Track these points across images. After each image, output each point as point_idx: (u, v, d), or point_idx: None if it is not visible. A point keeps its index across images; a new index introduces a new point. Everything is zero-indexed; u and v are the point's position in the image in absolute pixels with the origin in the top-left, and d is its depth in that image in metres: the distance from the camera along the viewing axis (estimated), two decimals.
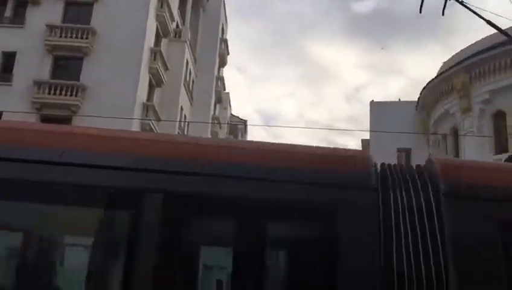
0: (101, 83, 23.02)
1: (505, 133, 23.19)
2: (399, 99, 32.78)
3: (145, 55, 25.03)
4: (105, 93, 22.68)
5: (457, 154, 25.36)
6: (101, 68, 23.32)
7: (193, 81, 33.44)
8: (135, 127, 21.77)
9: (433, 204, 2.92)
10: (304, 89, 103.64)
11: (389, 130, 22.30)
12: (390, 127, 23.63)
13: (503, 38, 24.33)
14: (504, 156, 22.11)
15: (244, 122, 46.43)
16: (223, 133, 39.20)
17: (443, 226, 2.85)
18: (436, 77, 28.28)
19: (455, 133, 26.09)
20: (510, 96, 23.29)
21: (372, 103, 32.79)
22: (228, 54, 42.94)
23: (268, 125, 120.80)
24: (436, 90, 28.03)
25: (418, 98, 30.17)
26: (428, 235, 2.82)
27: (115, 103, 21.61)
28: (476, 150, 22.77)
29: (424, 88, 29.26)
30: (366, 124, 32.41)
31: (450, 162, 4.68)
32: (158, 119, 25.73)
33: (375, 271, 2.75)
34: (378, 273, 2.74)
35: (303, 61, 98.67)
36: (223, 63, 41.70)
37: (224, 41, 41.44)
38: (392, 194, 2.98)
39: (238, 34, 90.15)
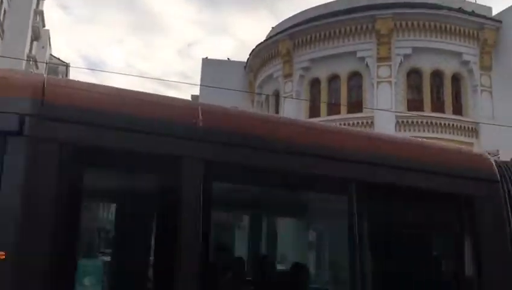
0: None
1: (319, 99, 25.75)
2: (228, 59, 33.75)
3: None
4: None
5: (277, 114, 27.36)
6: None
7: (5, 11, 29.02)
8: None
9: None
10: (135, 38, 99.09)
11: (219, 88, 22.76)
12: (220, 85, 24.15)
13: (325, 11, 26.70)
14: (317, 119, 24.65)
15: (67, 64, 42.41)
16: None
17: None
18: (264, 41, 29.69)
19: (277, 95, 28.02)
20: (326, 66, 25.82)
21: (204, 59, 33.22)
22: None
23: (95, 70, 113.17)
24: (263, 54, 29.51)
25: (247, 60, 31.42)
26: None
27: None
28: (294, 112, 24.85)
29: (253, 50, 30.54)
30: (197, 80, 32.65)
31: None
32: None
33: None
34: None
35: (135, 8, 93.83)
36: None
37: None
38: None
39: None
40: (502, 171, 3.96)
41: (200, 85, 28.60)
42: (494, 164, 3.97)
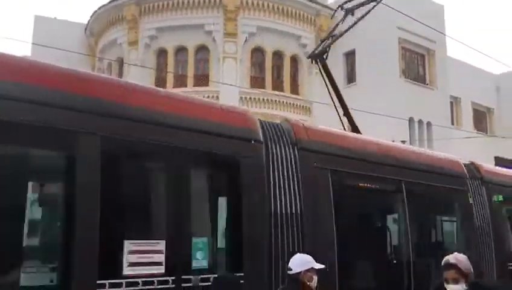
0: None
1: (166, 69, 25.23)
2: (55, 18, 30.72)
3: None
4: None
5: None
6: None
7: None
8: None
9: None
10: None
11: (56, 49, 20.69)
12: (56, 47, 21.97)
13: None
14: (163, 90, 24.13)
15: None
16: None
17: None
18: (107, 4, 27.81)
19: (121, 62, 26.64)
20: (173, 37, 25.32)
21: (37, 17, 29.82)
22: None
23: None
24: (106, 17, 27.68)
25: (88, 22, 29.15)
26: None
27: None
28: (139, 81, 23.93)
29: (94, 12, 28.42)
30: (28, 39, 29.19)
31: None
32: None
33: None
34: None
35: None
36: None
37: None
38: None
39: None
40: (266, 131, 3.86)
41: (32, 44, 25.64)
42: (258, 123, 3.87)
